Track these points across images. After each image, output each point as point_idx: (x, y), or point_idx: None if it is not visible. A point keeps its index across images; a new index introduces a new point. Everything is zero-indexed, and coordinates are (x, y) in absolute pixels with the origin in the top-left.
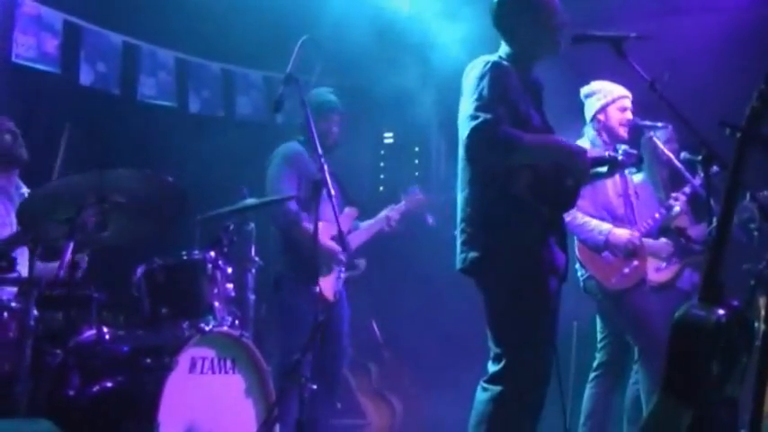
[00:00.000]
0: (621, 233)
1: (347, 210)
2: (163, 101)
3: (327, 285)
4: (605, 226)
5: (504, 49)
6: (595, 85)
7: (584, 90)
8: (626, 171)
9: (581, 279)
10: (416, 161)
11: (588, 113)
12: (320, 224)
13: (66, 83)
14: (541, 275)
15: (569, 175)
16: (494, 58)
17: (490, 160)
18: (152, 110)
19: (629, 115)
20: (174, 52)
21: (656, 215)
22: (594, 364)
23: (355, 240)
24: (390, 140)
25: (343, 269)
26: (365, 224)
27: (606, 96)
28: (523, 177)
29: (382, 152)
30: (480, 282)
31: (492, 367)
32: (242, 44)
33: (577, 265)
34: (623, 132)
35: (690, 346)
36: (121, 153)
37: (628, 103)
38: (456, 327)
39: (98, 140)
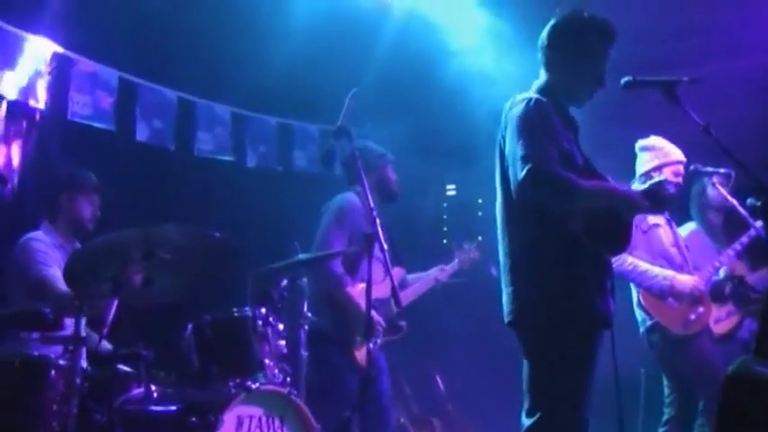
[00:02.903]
0: (686, 279)
1: (395, 270)
2: (220, 155)
3: (361, 352)
4: (668, 272)
5: (540, 81)
6: (656, 141)
7: (643, 142)
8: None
9: (644, 328)
10: (480, 213)
11: (642, 167)
12: (363, 286)
13: (121, 140)
14: (591, 326)
15: (622, 216)
16: (532, 95)
17: (545, 203)
18: (209, 165)
19: (679, 181)
20: (230, 107)
21: (716, 263)
22: (663, 419)
23: (406, 298)
24: (453, 192)
25: (378, 340)
26: (413, 281)
27: (666, 156)
28: (579, 219)
29: (445, 204)
30: (527, 332)
31: (525, 420)
32: (298, 97)
33: (640, 315)
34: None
35: (748, 403)
36: (178, 209)
37: (682, 169)
38: (519, 378)
39: (154, 196)
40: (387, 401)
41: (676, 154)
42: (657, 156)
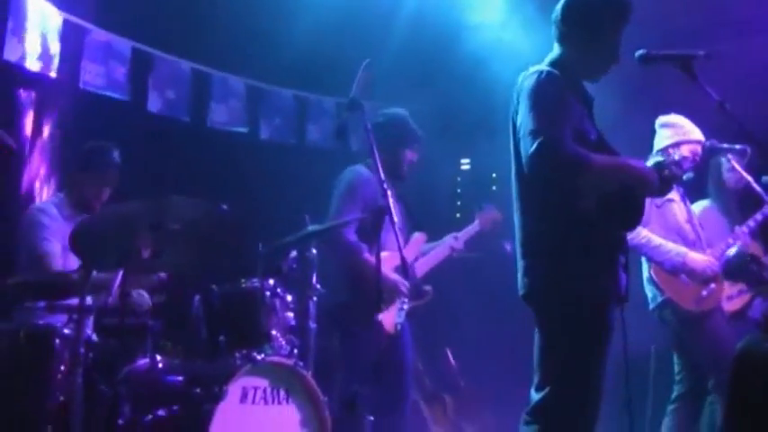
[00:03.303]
0: (699, 257)
1: (416, 235)
2: (233, 127)
3: (388, 318)
4: (682, 248)
5: (553, 54)
6: (677, 119)
7: (663, 119)
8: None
9: (655, 304)
10: (494, 188)
11: (660, 143)
12: (383, 254)
13: (134, 110)
14: (605, 303)
15: (636, 193)
16: (545, 67)
17: (556, 181)
18: (222, 137)
19: (696, 160)
20: (245, 79)
21: (730, 240)
22: (672, 396)
23: (422, 268)
24: (467, 167)
25: (405, 301)
26: (429, 250)
27: (686, 134)
28: (591, 194)
29: (459, 179)
30: (540, 306)
31: (534, 395)
32: (314, 71)
33: (651, 290)
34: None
35: (757, 379)
36: (190, 180)
37: (699, 149)
38: (532, 353)
39: (166, 167)
40: (407, 377)
41: (695, 133)
42: (678, 133)
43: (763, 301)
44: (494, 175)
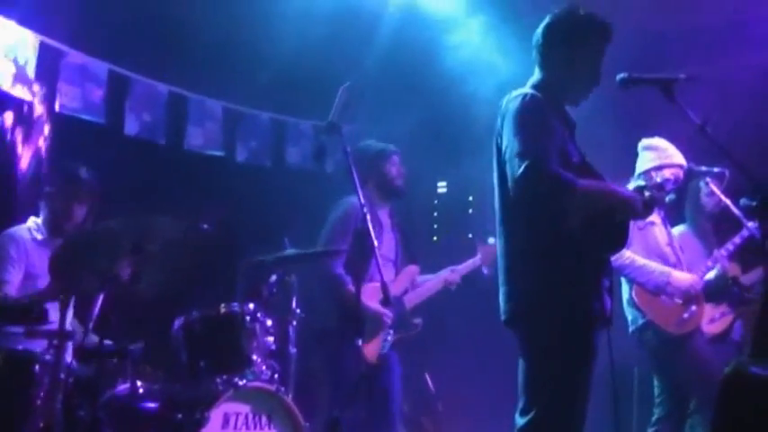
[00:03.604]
0: (683, 276)
1: (409, 267)
2: (209, 150)
3: (372, 347)
4: (666, 268)
5: (535, 78)
6: (660, 142)
7: (646, 142)
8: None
9: (636, 327)
10: (470, 210)
11: (642, 166)
12: (372, 285)
13: (111, 133)
14: (590, 326)
15: (619, 217)
16: (528, 90)
17: (543, 200)
18: (198, 160)
19: (677, 182)
20: (222, 102)
21: (709, 263)
22: (652, 419)
23: (412, 300)
24: (444, 189)
25: (390, 332)
26: (422, 282)
27: (668, 158)
28: (576, 217)
29: (436, 202)
30: (523, 331)
31: (519, 420)
32: (292, 94)
33: (632, 313)
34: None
35: (744, 403)
36: (167, 204)
37: (681, 174)
38: (510, 378)
39: (143, 191)
40: (394, 405)
41: (677, 157)
42: (660, 156)
43: (745, 323)
44: (470, 198)
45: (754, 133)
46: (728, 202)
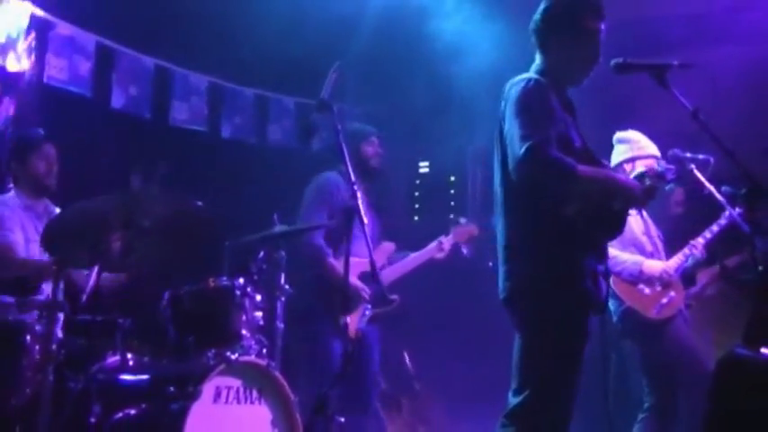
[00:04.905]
0: (655, 264)
1: (385, 244)
2: (194, 125)
3: (351, 323)
4: (638, 257)
5: (537, 64)
6: (633, 134)
7: (619, 134)
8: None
9: (617, 316)
10: (452, 191)
11: (616, 158)
12: (354, 260)
13: (97, 106)
14: (583, 309)
15: (617, 200)
16: (532, 75)
17: (542, 183)
18: (183, 135)
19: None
20: (207, 77)
21: (686, 251)
22: (644, 406)
23: (391, 275)
24: (426, 170)
25: (368, 307)
26: (399, 259)
27: (641, 150)
28: (575, 201)
29: (417, 182)
30: (520, 310)
31: (512, 399)
32: (275, 70)
33: (612, 303)
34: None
35: (735, 386)
36: (153, 178)
37: (655, 164)
38: (488, 359)
39: (128, 165)
40: (371, 379)
41: (651, 148)
42: (632, 148)
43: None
44: (452, 178)
45: (745, 123)
46: (712, 188)
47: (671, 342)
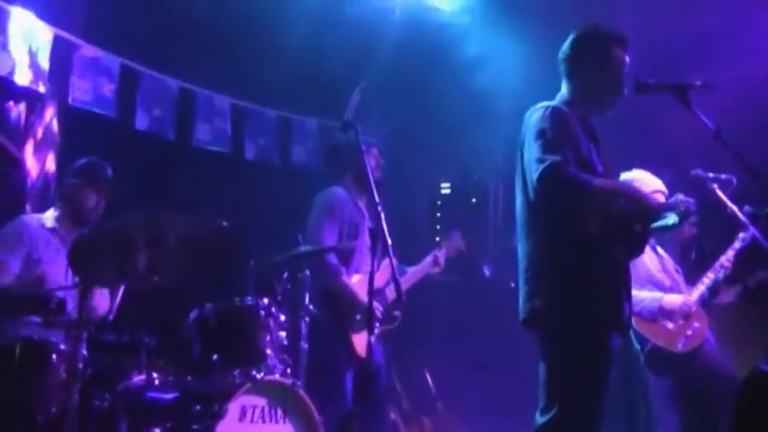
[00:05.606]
0: (674, 298)
1: (387, 260)
2: (218, 147)
3: (360, 340)
4: (656, 293)
5: (562, 93)
6: (637, 173)
7: (624, 175)
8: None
9: (645, 356)
10: (473, 212)
11: None
12: (356, 277)
13: (121, 127)
14: (607, 329)
15: (638, 220)
16: (553, 103)
17: (561, 199)
18: (207, 156)
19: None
20: (231, 98)
21: (706, 279)
22: None
23: (392, 293)
24: (447, 191)
25: (377, 325)
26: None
27: (647, 186)
28: (596, 219)
29: (439, 203)
30: (542, 331)
31: (539, 418)
32: (297, 91)
33: (637, 344)
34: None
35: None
36: (175, 198)
37: (662, 198)
38: (510, 378)
39: (152, 186)
40: (381, 396)
41: (655, 184)
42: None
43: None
44: (473, 199)
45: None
46: (735, 208)
47: (702, 370)
